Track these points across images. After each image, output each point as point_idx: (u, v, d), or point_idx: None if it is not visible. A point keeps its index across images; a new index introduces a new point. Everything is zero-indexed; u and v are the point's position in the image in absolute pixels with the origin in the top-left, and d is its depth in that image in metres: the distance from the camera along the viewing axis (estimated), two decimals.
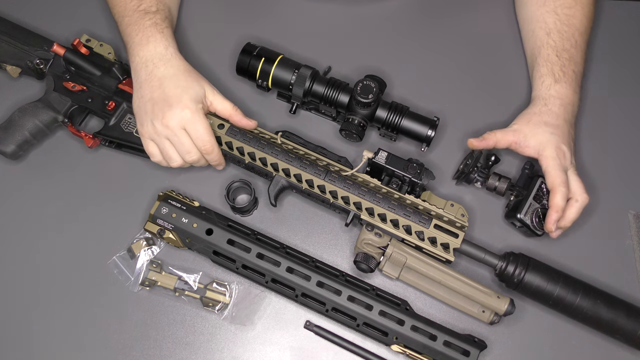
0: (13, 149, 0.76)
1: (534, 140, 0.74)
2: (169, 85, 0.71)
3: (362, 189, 0.74)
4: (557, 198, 0.72)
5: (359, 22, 0.90)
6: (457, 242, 0.72)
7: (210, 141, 0.72)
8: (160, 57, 0.73)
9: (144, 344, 0.72)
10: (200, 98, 0.72)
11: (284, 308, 0.74)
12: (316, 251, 0.77)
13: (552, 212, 0.72)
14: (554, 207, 0.72)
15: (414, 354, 0.69)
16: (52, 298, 0.73)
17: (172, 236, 0.73)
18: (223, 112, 0.75)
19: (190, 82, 0.72)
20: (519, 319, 0.74)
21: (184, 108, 0.70)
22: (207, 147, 0.72)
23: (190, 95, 0.71)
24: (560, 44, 0.79)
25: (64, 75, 0.79)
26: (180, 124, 0.70)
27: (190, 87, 0.72)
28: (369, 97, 0.75)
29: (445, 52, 0.89)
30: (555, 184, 0.72)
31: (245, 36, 0.86)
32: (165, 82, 0.71)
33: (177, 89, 0.71)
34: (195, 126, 0.71)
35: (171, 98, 0.70)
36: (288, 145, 0.76)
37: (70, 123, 0.78)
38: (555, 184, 0.72)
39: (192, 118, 0.70)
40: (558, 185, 0.72)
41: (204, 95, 0.73)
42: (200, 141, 0.71)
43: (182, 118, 0.70)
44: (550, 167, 0.73)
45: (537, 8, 0.82)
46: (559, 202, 0.72)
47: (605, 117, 0.85)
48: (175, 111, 0.70)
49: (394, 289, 0.75)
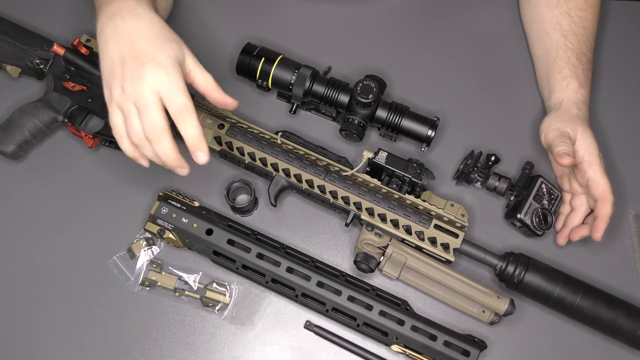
0: (13, 149, 0.76)
1: (578, 145, 0.73)
2: (140, 41, 0.59)
3: (362, 189, 0.74)
4: (608, 207, 0.70)
5: (359, 22, 0.90)
6: (457, 242, 0.72)
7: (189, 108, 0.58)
8: (129, 11, 0.61)
9: (144, 344, 0.72)
10: (179, 60, 0.60)
11: (284, 308, 0.74)
12: (316, 251, 0.77)
13: (602, 222, 0.71)
14: (605, 217, 0.70)
15: (414, 354, 0.69)
16: (52, 298, 0.73)
17: (172, 236, 0.73)
18: (204, 84, 0.63)
19: (166, 40, 0.61)
20: (519, 319, 0.74)
21: (159, 67, 0.58)
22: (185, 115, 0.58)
23: (166, 54, 0.59)
24: (578, 47, 0.79)
25: (64, 75, 0.79)
26: (154, 86, 0.58)
27: (167, 45, 0.60)
28: (369, 97, 0.75)
29: (446, 52, 0.89)
30: (607, 192, 0.71)
31: (245, 36, 0.86)
32: (136, 38, 0.60)
33: (150, 45, 0.59)
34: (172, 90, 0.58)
35: (143, 56, 0.59)
36: (288, 145, 0.76)
37: (70, 123, 0.78)
38: (607, 192, 0.71)
39: (168, 80, 0.58)
40: (609, 193, 0.71)
41: (183, 58, 0.61)
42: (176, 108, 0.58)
43: (155, 79, 0.58)
44: (599, 174, 0.71)
45: (548, 9, 0.82)
46: (610, 211, 0.71)
47: (605, 117, 0.85)
48: (146, 70, 0.58)
49: (394, 289, 0.75)
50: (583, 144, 0.73)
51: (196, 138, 0.60)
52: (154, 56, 0.59)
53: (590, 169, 0.71)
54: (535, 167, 0.79)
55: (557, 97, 0.78)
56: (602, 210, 0.71)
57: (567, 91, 0.77)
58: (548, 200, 0.76)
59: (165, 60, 0.59)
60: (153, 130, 0.59)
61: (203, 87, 0.64)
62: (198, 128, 0.60)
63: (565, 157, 0.70)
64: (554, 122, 0.75)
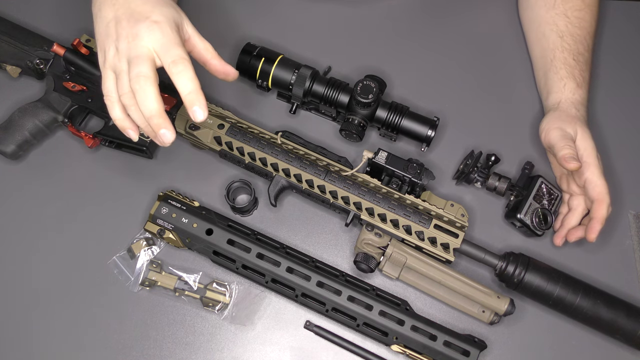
0: (13, 149, 0.76)
1: (577, 146, 0.73)
2: (135, 1, 0.58)
3: (362, 189, 0.74)
4: (604, 209, 0.71)
5: (359, 22, 0.90)
6: (457, 242, 0.72)
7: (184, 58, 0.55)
8: None
9: (144, 344, 0.72)
10: (176, 21, 0.58)
11: (284, 308, 0.74)
12: (316, 251, 0.77)
13: (598, 224, 0.71)
14: (600, 219, 0.71)
15: (414, 354, 0.69)
16: (52, 298, 0.73)
17: (172, 236, 0.73)
18: (204, 51, 0.61)
19: (164, 2, 0.59)
20: (519, 319, 0.74)
21: (154, 24, 0.56)
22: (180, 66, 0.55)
23: (163, 13, 0.57)
24: (575, 48, 0.79)
25: (64, 75, 0.79)
26: (149, 44, 0.55)
27: (164, 6, 0.58)
28: (369, 97, 0.75)
29: (446, 52, 0.89)
30: (603, 193, 0.71)
31: (245, 36, 0.86)
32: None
33: (146, 4, 0.57)
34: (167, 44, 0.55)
35: (138, 13, 0.57)
36: (288, 145, 0.76)
37: (70, 123, 0.78)
38: (604, 194, 0.71)
39: (163, 35, 0.55)
40: (606, 194, 0.71)
41: (181, 22, 0.59)
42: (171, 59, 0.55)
43: (151, 37, 0.55)
44: (596, 175, 0.71)
45: (545, 10, 0.82)
46: (605, 213, 0.71)
47: (605, 117, 0.85)
48: (142, 27, 0.55)
49: (394, 289, 0.75)
50: (582, 144, 0.73)
51: (193, 90, 0.56)
52: (150, 14, 0.57)
53: (588, 170, 0.72)
54: (535, 167, 0.79)
55: (555, 97, 0.78)
56: (598, 211, 0.71)
57: (564, 92, 0.78)
58: (548, 200, 0.76)
59: (162, 18, 0.57)
60: (137, 78, 0.55)
61: (203, 54, 0.61)
62: (194, 80, 0.56)
63: (571, 162, 0.70)
64: (554, 121, 0.75)
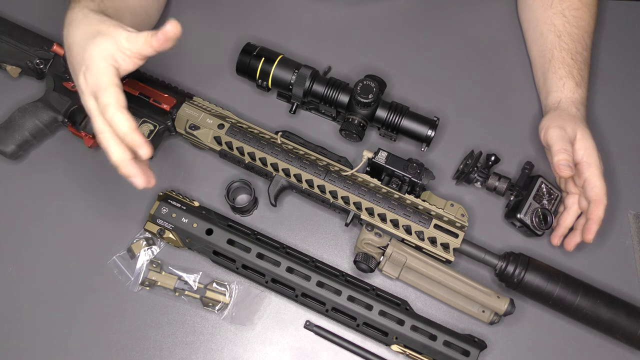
0: (13, 149, 0.76)
1: (578, 146, 0.73)
2: (73, 53, 0.61)
3: (362, 189, 0.74)
4: (601, 210, 0.71)
5: (359, 22, 0.90)
6: (457, 242, 0.72)
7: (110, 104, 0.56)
8: (67, 24, 0.63)
9: (144, 344, 0.72)
10: (104, 53, 0.58)
11: (284, 308, 0.74)
12: (316, 251, 0.77)
13: (594, 225, 0.71)
14: (597, 220, 0.71)
15: (414, 354, 0.69)
16: (52, 298, 0.73)
17: (172, 236, 0.73)
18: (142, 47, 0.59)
19: (91, 38, 0.59)
20: (519, 319, 0.74)
21: (86, 71, 0.58)
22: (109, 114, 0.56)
23: (90, 54, 0.59)
24: (573, 47, 0.79)
25: (64, 75, 0.79)
26: (89, 94, 0.59)
27: (91, 44, 0.59)
28: (369, 97, 0.75)
29: (446, 52, 0.89)
30: (601, 194, 0.71)
31: (245, 36, 0.86)
32: (72, 47, 0.61)
33: (81, 49, 0.60)
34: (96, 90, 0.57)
35: (75, 67, 0.61)
36: (288, 145, 0.76)
37: (70, 123, 0.78)
38: (601, 195, 0.71)
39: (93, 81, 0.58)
40: (604, 196, 0.71)
41: (116, 46, 0.59)
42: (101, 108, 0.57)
43: (88, 84, 0.59)
44: (596, 176, 0.71)
45: (543, 10, 0.82)
46: (602, 214, 0.71)
47: (605, 117, 0.85)
48: (80, 77, 0.59)
49: (394, 289, 0.75)
50: (583, 144, 0.73)
51: (127, 133, 0.57)
52: (81, 64, 0.60)
53: (589, 170, 0.72)
54: (535, 167, 0.79)
55: (555, 97, 0.78)
56: (595, 212, 0.71)
57: (564, 91, 0.78)
58: (548, 200, 0.76)
59: (90, 62, 0.59)
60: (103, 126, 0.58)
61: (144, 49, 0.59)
62: (126, 122, 0.56)
63: (565, 170, 0.71)
64: (554, 120, 0.75)
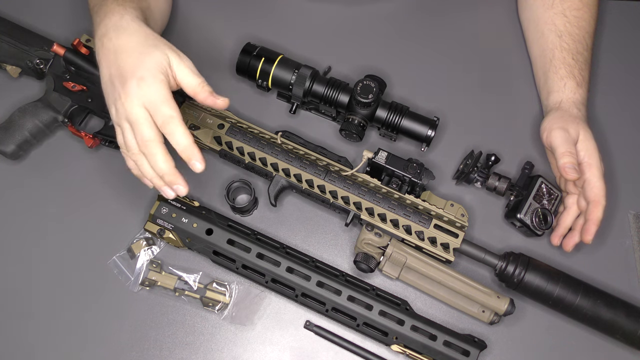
0: (13, 149, 0.76)
1: (579, 147, 0.73)
2: (122, 57, 0.60)
3: (362, 189, 0.74)
4: (600, 211, 0.71)
5: (359, 22, 0.90)
6: (457, 242, 0.72)
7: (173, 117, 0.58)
8: (114, 28, 0.62)
9: (144, 344, 0.72)
10: (161, 67, 0.60)
11: (284, 308, 0.74)
12: (316, 251, 0.77)
13: (593, 225, 0.71)
14: (595, 220, 0.71)
15: (414, 354, 0.69)
16: (52, 298, 0.73)
17: (172, 236, 0.73)
18: (187, 88, 0.63)
19: (148, 49, 0.61)
20: (519, 319, 0.74)
21: (140, 81, 0.58)
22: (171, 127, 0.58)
23: (147, 66, 0.59)
24: (574, 47, 0.79)
25: (64, 75, 0.79)
26: (139, 102, 0.58)
27: (148, 56, 0.60)
28: (369, 97, 0.75)
29: (446, 51, 0.89)
30: (600, 195, 0.71)
31: (245, 36, 0.86)
32: (118, 55, 0.61)
33: (131, 59, 0.60)
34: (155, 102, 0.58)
35: (125, 72, 0.60)
36: (288, 145, 0.76)
37: (70, 123, 0.78)
38: (600, 196, 0.71)
39: (150, 93, 0.58)
40: (603, 197, 0.71)
41: (168, 64, 0.61)
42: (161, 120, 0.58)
43: (139, 94, 0.58)
44: (596, 177, 0.71)
45: (544, 10, 0.82)
46: (601, 215, 0.71)
47: (605, 116, 0.85)
48: (130, 86, 0.59)
49: (394, 289, 0.75)
50: (584, 145, 0.73)
51: (187, 147, 0.60)
52: (135, 71, 0.59)
53: (589, 171, 0.72)
54: (535, 167, 0.79)
55: (556, 97, 0.78)
56: (594, 213, 0.71)
57: (565, 91, 0.77)
58: (548, 200, 0.76)
59: (147, 72, 0.59)
60: (144, 143, 0.59)
61: (188, 90, 0.63)
62: (187, 137, 0.59)
63: (571, 172, 0.71)
64: (556, 121, 0.75)
